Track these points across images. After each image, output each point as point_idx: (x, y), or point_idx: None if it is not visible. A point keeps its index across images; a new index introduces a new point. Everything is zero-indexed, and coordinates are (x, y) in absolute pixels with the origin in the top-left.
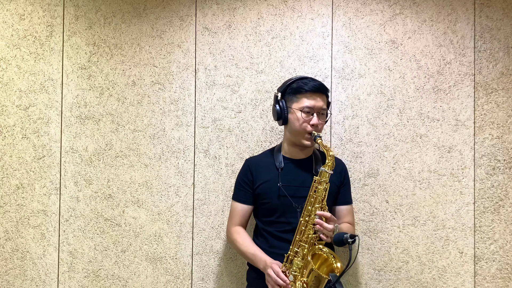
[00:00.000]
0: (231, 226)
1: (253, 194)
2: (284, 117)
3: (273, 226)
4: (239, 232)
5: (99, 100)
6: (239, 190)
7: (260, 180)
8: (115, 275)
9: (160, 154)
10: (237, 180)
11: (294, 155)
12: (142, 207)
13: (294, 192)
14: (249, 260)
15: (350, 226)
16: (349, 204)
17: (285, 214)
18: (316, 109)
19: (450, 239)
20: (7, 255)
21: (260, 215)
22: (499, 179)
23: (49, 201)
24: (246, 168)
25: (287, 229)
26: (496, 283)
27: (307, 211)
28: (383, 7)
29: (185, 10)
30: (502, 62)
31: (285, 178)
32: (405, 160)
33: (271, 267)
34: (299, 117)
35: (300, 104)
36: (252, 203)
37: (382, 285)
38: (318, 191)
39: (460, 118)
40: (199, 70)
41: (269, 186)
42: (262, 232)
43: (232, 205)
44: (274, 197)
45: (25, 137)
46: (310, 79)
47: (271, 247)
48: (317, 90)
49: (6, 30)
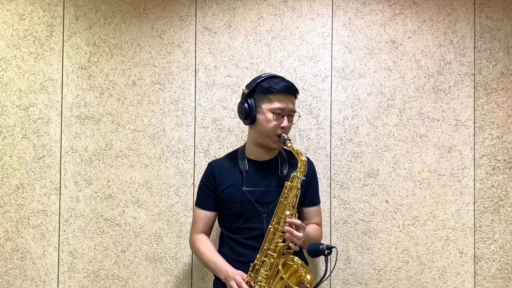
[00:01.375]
0: (194, 233)
1: (216, 199)
2: (252, 116)
3: (238, 233)
4: (202, 240)
5: (99, 100)
6: (201, 196)
7: (224, 184)
8: (115, 275)
9: (160, 154)
10: (199, 185)
11: (259, 156)
12: (142, 207)
13: (259, 196)
14: (210, 269)
15: (318, 228)
16: (317, 205)
17: (250, 220)
18: (287, 111)
19: (450, 239)
20: (7, 255)
21: (224, 221)
22: (499, 179)
23: (49, 201)
24: (208, 172)
25: (253, 235)
26: (496, 283)
27: (277, 218)
28: (383, 7)
29: (185, 10)
30: (502, 62)
31: (250, 182)
32: (405, 160)
33: (233, 278)
34: (269, 119)
35: (271, 105)
36: (215, 209)
37: (382, 285)
38: (288, 197)
39: (460, 118)
40: (199, 70)
41: (233, 191)
42: (228, 240)
43: (194, 212)
44: (238, 202)
45: (25, 137)
46: (281, 79)
47: (237, 255)
48: (289, 92)
49: (6, 30)
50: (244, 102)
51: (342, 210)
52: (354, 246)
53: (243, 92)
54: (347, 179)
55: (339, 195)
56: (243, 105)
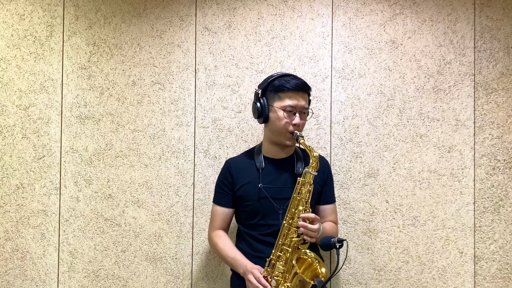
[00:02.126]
0: (212, 230)
1: (233, 196)
2: (265, 115)
3: (256, 230)
4: (220, 236)
5: (99, 100)
6: (219, 193)
7: (241, 182)
8: (115, 275)
9: (160, 154)
10: (217, 182)
11: (275, 154)
12: (142, 207)
13: (276, 193)
14: (229, 264)
15: (334, 225)
16: (332, 203)
17: (267, 217)
18: (299, 108)
19: (450, 239)
20: (7, 255)
21: (241, 218)
22: (499, 179)
23: (49, 201)
24: (225, 170)
25: (270, 231)
26: (496, 283)
27: (291, 214)
28: (383, 7)
29: (185, 10)
30: (502, 62)
31: (266, 179)
32: (405, 160)
33: (251, 272)
34: (280, 116)
35: (282, 103)
36: (233, 206)
37: (382, 285)
38: (301, 192)
39: (460, 118)
40: (199, 70)
41: (250, 188)
42: (245, 236)
43: (212, 209)
44: (255, 199)
45: (25, 137)
46: (292, 77)
47: (254, 251)
48: (299, 89)
49: (6, 30)
50: (257, 101)
51: (342, 210)
52: (354, 246)
53: (255, 92)
54: (347, 179)
55: (339, 195)
56: (256, 104)
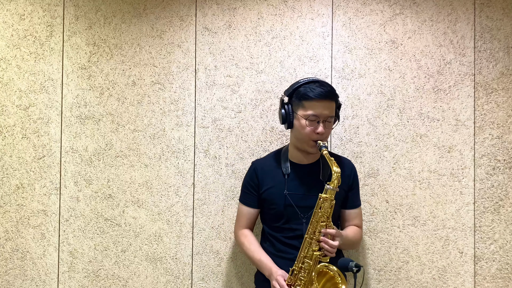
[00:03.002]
0: (238, 228)
1: (259, 198)
2: (289, 121)
3: (279, 232)
4: (247, 235)
5: (99, 100)
6: (245, 193)
7: (266, 185)
8: (115, 275)
9: (160, 154)
10: (243, 182)
11: (301, 160)
12: (142, 207)
13: (300, 200)
14: (255, 265)
15: (358, 230)
16: (357, 207)
17: (291, 221)
18: (323, 117)
19: (450, 239)
20: (7, 255)
21: (266, 219)
22: (499, 179)
23: (49, 201)
24: (252, 171)
25: (293, 235)
26: (496, 283)
27: (312, 228)
28: (383, 7)
29: (185, 10)
30: (502, 62)
31: (291, 185)
32: (405, 160)
33: (276, 279)
34: (303, 125)
35: (305, 111)
36: (258, 206)
37: (382, 285)
38: (323, 208)
39: (460, 118)
40: (199, 70)
41: (275, 192)
42: (269, 237)
43: (239, 208)
44: (280, 204)
45: (25, 137)
46: (318, 84)
47: (277, 251)
48: (324, 97)
49: (6, 30)
50: (282, 108)
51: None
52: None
53: (281, 98)
54: None
55: None
56: (280, 110)
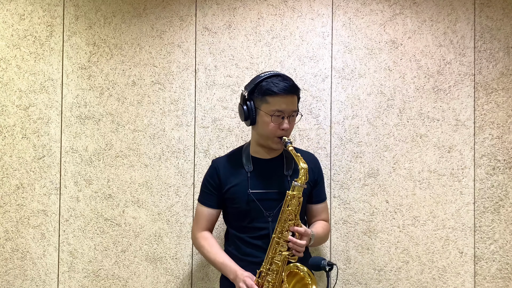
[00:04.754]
0: (197, 230)
1: (220, 197)
2: (252, 118)
3: (245, 232)
4: (207, 238)
5: (99, 100)
6: (204, 193)
7: (229, 183)
8: (115, 275)
9: (160, 154)
10: (203, 182)
11: (263, 155)
12: (142, 207)
13: (264, 195)
14: (218, 269)
15: (326, 224)
16: (323, 201)
17: (256, 219)
18: (287, 113)
19: (450, 239)
20: (7, 255)
21: (230, 219)
22: (499, 179)
23: (49, 201)
24: (212, 170)
25: (259, 235)
26: (496, 283)
27: (280, 227)
28: (383, 7)
29: (185, 10)
30: (502, 62)
31: (255, 182)
32: (405, 160)
33: (243, 280)
34: (268, 121)
35: (270, 107)
36: (219, 206)
37: (382, 285)
38: (291, 205)
39: (460, 118)
40: (199, 70)
41: (238, 190)
42: (234, 239)
43: (198, 209)
44: (243, 202)
45: (25, 137)
46: (280, 79)
47: (243, 254)
48: (288, 92)
49: (6, 30)
50: (243, 104)
51: (342, 210)
52: (354, 246)
53: (242, 93)
54: (347, 179)
55: (339, 195)
56: (242, 106)
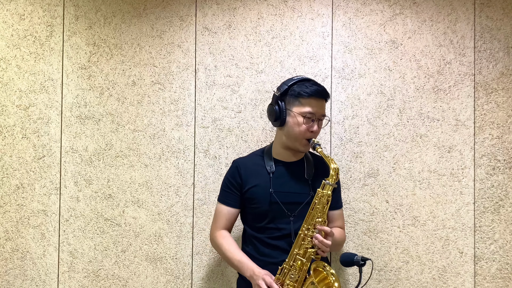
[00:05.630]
0: (216, 229)
1: (241, 197)
2: (282, 119)
3: (263, 233)
4: (225, 237)
5: (99, 100)
6: (225, 192)
7: (250, 184)
8: (115, 275)
9: (160, 154)
10: (223, 181)
11: (286, 157)
12: (142, 207)
13: (286, 198)
14: (234, 267)
15: (342, 231)
16: (340, 208)
17: (276, 220)
18: (318, 116)
19: (450, 239)
20: (7, 255)
21: (248, 220)
22: (499, 179)
23: (49, 201)
24: (234, 169)
25: (278, 235)
26: (496, 283)
27: (307, 224)
28: (383, 7)
29: (185, 10)
30: (502, 62)
31: (277, 183)
32: (405, 160)
33: (262, 278)
34: (299, 122)
35: (302, 109)
36: (239, 206)
37: (382, 285)
38: (320, 203)
39: (460, 118)
40: (199, 70)
41: (260, 191)
42: (252, 239)
43: (217, 208)
44: (265, 203)
45: (25, 137)
46: (313, 82)
47: (261, 255)
48: (320, 96)
49: (6, 30)
50: (275, 104)
51: None
52: (354, 246)
53: (274, 94)
54: (347, 179)
55: None
56: (273, 107)
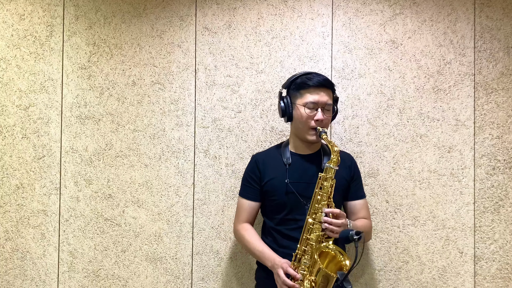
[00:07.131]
0: (238, 223)
1: (260, 190)
2: (289, 113)
3: (282, 224)
4: (247, 229)
5: (99, 100)
6: (246, 187)
7: (268, 176)
8: (115, 275)
9: (160, 154)
10: (244, 176)
11: (302, 150)
12: (142, 207)
13: (302, 189)
14: (256, 257)
15: (366, 221)
16: (362, 198)
17: (294, 211)
18: (320, 104)
19: (450, 239)
20: (7, 255)
21: (268, 212)
22: (499, 179)
23: (49, 201)
24: (253, 164)
25: (296, 227)
26: (496, 283)
27: (314, 209)
28: (383, 7)
29: (185, 10)
30: (502, 62)
31: (293, 175)
32: (405, 160)
33: (281, 266)
34: (302, 113)
35: (303, 99)
36: (259, 199)
37: (382, 285)
38: (324, 188)
39: (460, 118)
40: (199, 70)
41: (277, 183)
42: (271, 231)
43: (239, 202)
44: (282, 194)
45: (25, 137)
46: (314, 74)
47: (280, 246)
48: (321, 85)
49: (6, 30)
50: (280, 100)
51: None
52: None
53: (279, 91)
54: None
55: None
56: (280, 103)
